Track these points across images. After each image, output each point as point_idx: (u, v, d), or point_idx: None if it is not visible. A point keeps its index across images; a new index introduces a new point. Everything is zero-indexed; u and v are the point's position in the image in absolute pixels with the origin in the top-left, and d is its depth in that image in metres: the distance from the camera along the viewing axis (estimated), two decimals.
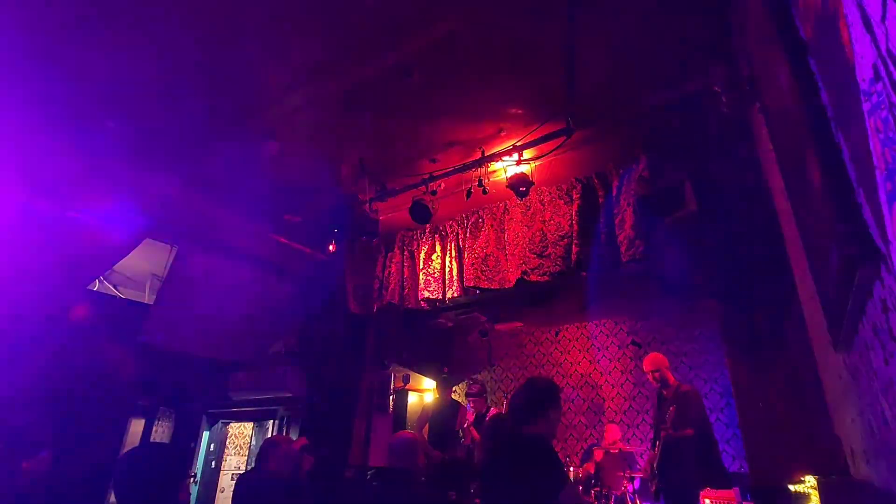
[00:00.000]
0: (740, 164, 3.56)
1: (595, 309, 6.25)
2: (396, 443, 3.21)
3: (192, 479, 6.05)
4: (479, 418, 5.23)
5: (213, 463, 6.66)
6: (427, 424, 5.81)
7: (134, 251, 4.92)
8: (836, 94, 1.21)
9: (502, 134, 4.25)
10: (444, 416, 5.69)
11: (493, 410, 5.35)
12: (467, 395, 5.48)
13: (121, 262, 4.97)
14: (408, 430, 6.70)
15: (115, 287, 6.51)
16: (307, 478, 3.60)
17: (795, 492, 2.72)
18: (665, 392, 4.34)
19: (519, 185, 4.23)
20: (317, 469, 3.66)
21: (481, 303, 5.94)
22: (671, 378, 4.37)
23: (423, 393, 7.46)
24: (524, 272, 4.80)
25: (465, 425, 5.25)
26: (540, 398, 2.27)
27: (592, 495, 5.05)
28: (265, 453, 3.36)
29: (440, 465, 5.32)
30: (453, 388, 6.73)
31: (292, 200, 5.25)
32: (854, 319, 1.46)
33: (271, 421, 6.25)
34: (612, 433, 5.92)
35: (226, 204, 5.12)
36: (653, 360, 4.42)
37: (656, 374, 4.36)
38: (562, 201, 4.82)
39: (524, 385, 2.38)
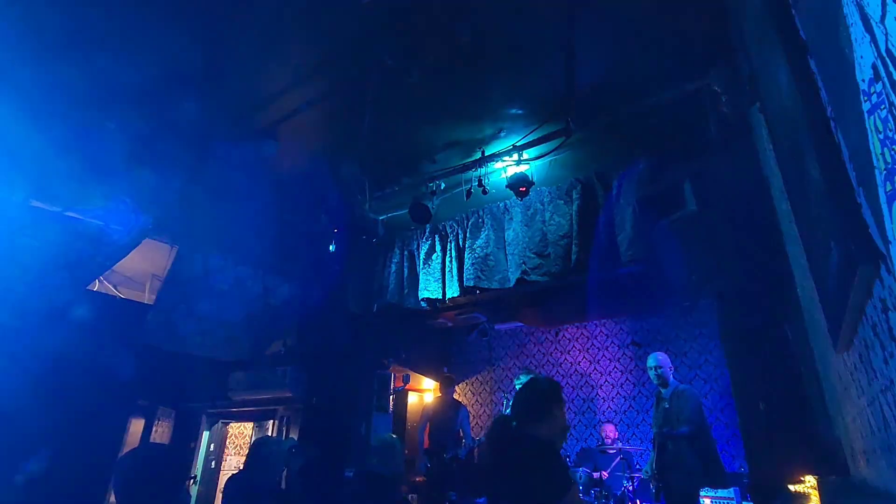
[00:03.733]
0: (740, 164, 3.56)
1: (595, 309, 6.24)
2: (377, 446, 3.21)
3: (191, 481, 6.05)
4: None
5: (213, 463, 6.65)
6: (428, 424, 5.81)
7: (134, 251, 4.91)
8: (836, 94, 1.21)
9: (502, 134, 4.25)
10: (446, 416, 5.69)
11: None
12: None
13: (121, 262, 4.97)
14: (409, 429, 6.71)
15: (115, 287, 6.51)
16: (297, 479, 3.58)
17: (795, 492, 2.72)
18: (663, 391, 4.35)
19: (519, 185, 4.23)
20: (313, 469, 3.65)
21: (481, 303, 5.94)
22: (670, 378, 4.38)
23: (423, 393, 7.46)
24: (524, 272, 4.80)
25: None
26: (543, 398, 2.24)
27: (593, 495, 5.05)
28: (253, 455, 3.36)
29: (441, 465, 5.32)
30: (454, 388, 6.73)
31: (292, 200, 5.25)
32: (854, 319, 1.46)
33: (271, 421, 6.25)
34: (610, 433, 5.92)
35: (226, 204, 5.11)
36: (658, 358, 4.44)
37: (657, 371, 4.37)
38: (562, 201, 4.82)
39: (526, 385, 2.35)
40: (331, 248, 5.32)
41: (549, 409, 2.19)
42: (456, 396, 6.67)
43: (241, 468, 3.45)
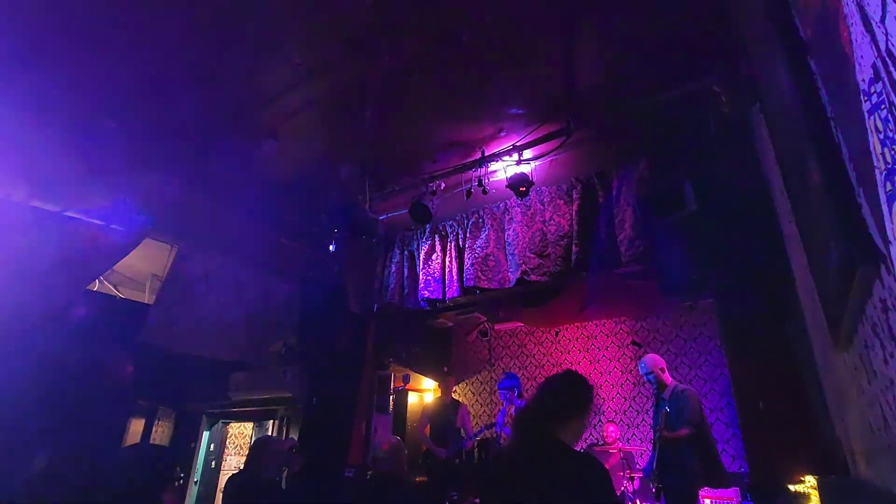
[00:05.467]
0: (740, 164, 3.56)
1: (595, 309, 6.24)
2: (383, 447, 3.26)
3: (178, 482, 6.06)
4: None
5: (213, 463, 6.65)
6: (428, 424, 5.83)
7: (134, 251, 4.91)
8: (836, 94, 1.21)
9: (502, 134, 4.25)
10: (446, 415, 5.71)
11: None
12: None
13: (121, 262, 4.97)
14: (409, 430, 6.72)
15: (115, 287, 6.51)
16: (297, 478, 3.58)
17: (795, 492, 2.72)
18: (662, 393, 4.34)
19: (519, 185, 4.22)
20: (313, 469, 3.66)
21: (481, 303, 5.94)
22: (667, 379, 4.37)
23: (423, 393, 7.46)
24: (524, 272, 4.80)
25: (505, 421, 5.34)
26: (580, 398, 2.02)
27: None
28: (254, 454, 3.37)
29: (443, 464, 5.32)
30: (454, 388, 6.74)
31: (292, 200, 5.25)
32: (854, 319, 1.46)
33: (271, 421, 6.25)
34: (611, 433, 5.93)
35: (226, 204, 5.12)
36: (647, 362, 4.41)
37: (651, 377, 4.36)
38: (562, 201, 4.82)
39: (563, 379, 2.09)
40: (331, 248, 5.32)
41: (586, 411, 2.02)
42: (456, 396, 6.68)
43: (242, 468, 3.45)
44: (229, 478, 3.44)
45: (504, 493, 1.91)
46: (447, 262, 5.42)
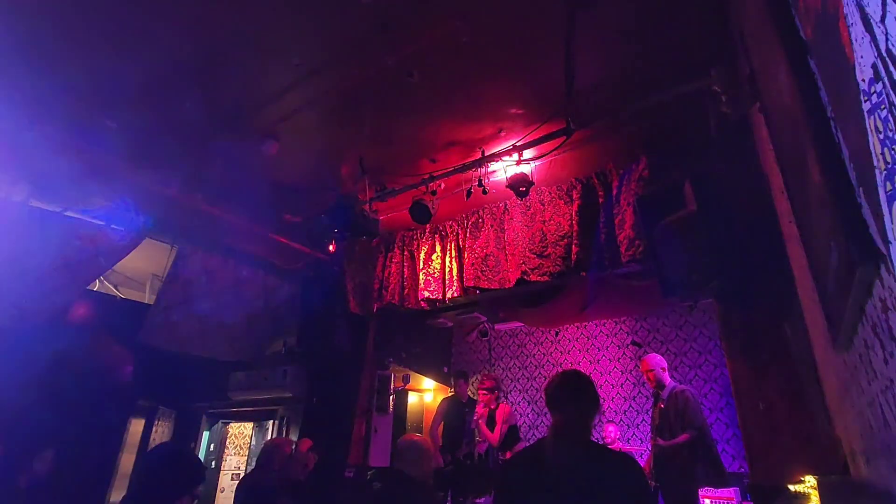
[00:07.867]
0: (740, 164, 3.55)
1: (595, 309, 6.24)
2: (405, 446, 2.99)
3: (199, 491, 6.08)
4: (490, 415, 5.27)
5: (213, 463, 6.66)
6: (442, 423, 5.67)
7: (134, 251, 4.92)
8: (836, 94, 1.21)
9: (502, 134, 4.25)
10: (461, 415, 5.56)
11: (504, 407, 5.35)
12: (480, 388, 5.45)
13: (121, 262, 4.97)
14: (409, 430, 6.69)
15: (115, 287, 6.51)
16: (311, 477, 3.59)
17: (795, 492, 2.72)
18: (660, 393, 4.35)
19: (519, 185, 4.22)
20: (317, 468, 3.65)
21: (481, 303, 5.94)
22: (667, 379, 4.38)
23: (423, 393, 7.46)
24: (524, 272, 4.80)
25: (476, 419, 5.29)
26: (597, 407, 2.11)
27: None
28: (270, 455, 3.37)
29: (454, 464, 5.26)
30: (468, 385, 6.56)
31: (292, 200, 5.25)
32: (854, 319, 1.46)
33: (271, 421, 6.25)
34: (611, 433, 5.93)
35: (225, 204, 5.12)
36: (649, 360, 4.44)
37: (651, 375, 4.37)
38: (562, 201, 4.82)
39: (587, 382, 2.14)
40: (330, 248, 5.32)
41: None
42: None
43: (255, 468, 3.45)
44: (242, 478, 3.45)
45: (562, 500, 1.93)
46: (447, 262, 5.42)
